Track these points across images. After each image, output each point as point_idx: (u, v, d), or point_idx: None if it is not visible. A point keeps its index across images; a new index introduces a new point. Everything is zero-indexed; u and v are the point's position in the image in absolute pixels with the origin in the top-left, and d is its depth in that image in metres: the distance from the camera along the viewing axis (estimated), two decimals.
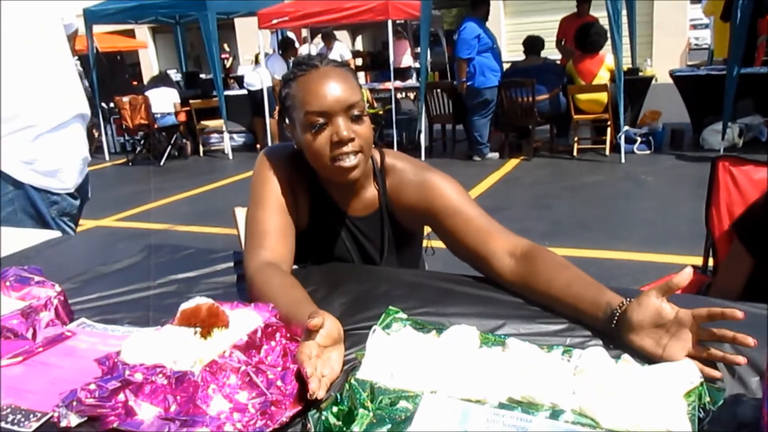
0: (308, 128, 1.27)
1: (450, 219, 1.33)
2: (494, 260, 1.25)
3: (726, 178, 1.82)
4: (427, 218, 1.39)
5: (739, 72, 6.26)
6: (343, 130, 1.25)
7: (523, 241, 1.25)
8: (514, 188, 6.12)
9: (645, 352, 0.94)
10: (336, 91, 1.25)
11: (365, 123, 1.29)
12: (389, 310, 1.08)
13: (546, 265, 1.17)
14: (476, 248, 1.29)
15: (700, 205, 1.93)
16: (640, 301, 0.96)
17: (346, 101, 1.26)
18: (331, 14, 8.23)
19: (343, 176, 1.30)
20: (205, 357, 0.89)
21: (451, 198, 1.34)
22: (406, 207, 1.42)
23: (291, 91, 1.31)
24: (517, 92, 7.10)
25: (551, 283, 1.13)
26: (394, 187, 1.42)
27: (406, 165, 1.43)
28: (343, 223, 1.45)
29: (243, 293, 1.29)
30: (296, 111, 1.30)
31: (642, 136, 7.25)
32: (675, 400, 0.78)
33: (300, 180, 1.40)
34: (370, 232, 1.46)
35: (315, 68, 1.28)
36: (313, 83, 1.26)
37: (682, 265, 2.10)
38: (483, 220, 1.31)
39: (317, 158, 1.30)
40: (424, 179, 1.39)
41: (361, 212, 1.45)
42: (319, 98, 1.25)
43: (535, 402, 0.78)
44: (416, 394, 0.81)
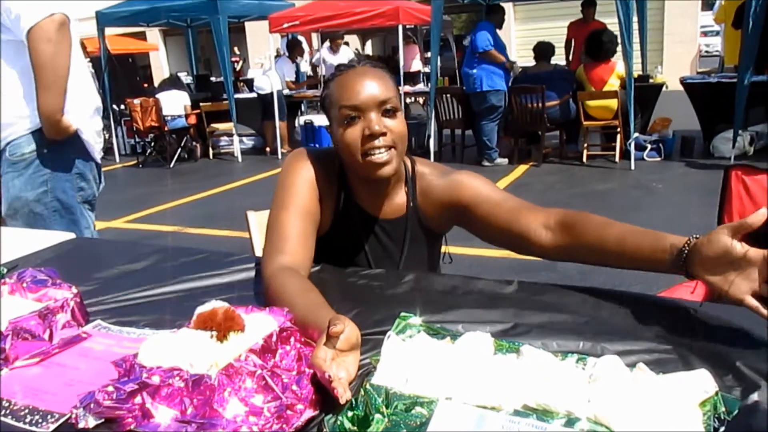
0: (342, 123, 1.31)
1: (480, 207, 1.36)
2: (531, 235, 1.29)
3: (739, 186, 1.82)
4: (457, 213, 1.42)
5: (750, 80, 6.24)
6: (375, 124, 1.28)
7: (555, 210, 1.30)
8: (523, 195, 5.99)
9: (712, 287, 1.00)
10: (369, 86, 1.29)
11: (399, 119, 1.32)
12: (403, 316, 1.09)
13: (591, 224, 1.21)
14: (510, 228, 1.32)
15: (711, 213, 1.92)
16: (711, 238, 1.01)
17: (379, 96, 1.29)
18: (342, 18, 8.27)
19: (375, 171, 1.32)
20: (221, 360, 0.90)
21: (478, 188, 1.39)
22: (436, 208, 1.45)
23: (329, 91, 1.36)
24: (527, 98, 7.10)
25: (603, 241, 1.17)
26: (422, 191, 1.46)
27: (434, 170, 1.48)
28: (367, 225, 1.48)
29: (259, 297, 1.30)
30: (333, 108, 1.34)
31: (652, 143, 7.24)
32: (690, 410, 0.78)
33: (328, 182, 1.43)
34: (394, 234, 1.49)
35: (352, 68, 1.34)
36: (348, 80, 1.31)
37: None
38: (512, 201, 1.36)
39: (349, 152, 1.32)
40: (450, 178, 1.43)
41: (388, 216, 1.47)
42: (353, 93, 1.29)
43: (550, 409, 0.79)
44: (431, 400, 0.82)
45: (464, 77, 7.31)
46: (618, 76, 6.88)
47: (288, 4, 9.89)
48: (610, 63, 6.94)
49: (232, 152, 9.45)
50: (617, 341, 1.02)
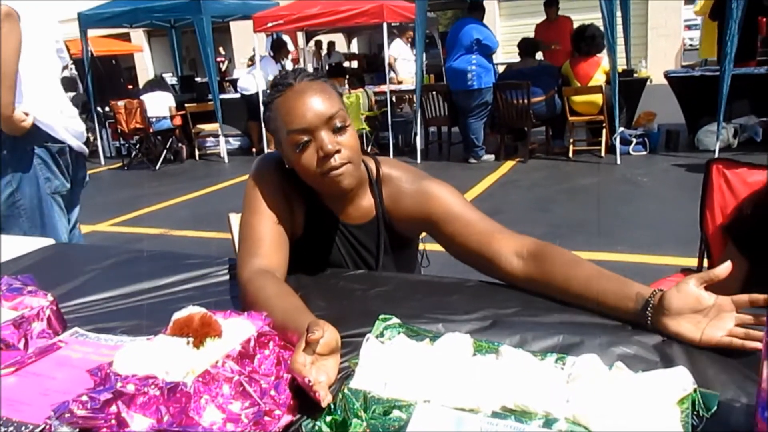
0: (294, 147, 1.27)
1: (451, 225, 1.33)
2: (501, 261, 1.27)
3: (720, 180, 1.83)
4: (426, 226, 1.40)
5: (731, 72, 6.28)
6: (328, 144, 1.24)
7: (528, 239, 1.27)
8: (511, 191, 6.12)
9: (683, 338, 1.00)
10: (314, 104, 1.25)
11: (349, 132, 1.29)
12: (383, 318, 1.08)
13: (560, 262, 1.19)
14: (481, 251, 1.29)
15: (696, 207, 1.93)
16: (680, 289, 1.01)
17: (326, 113, 1.25)
18: (327, 17, 8.24)
19: (336, 189, 1.30)
20: (197, 367, 0.88)
21: (450, 204, 1.35)
22: (404, 215, 1.42)
23: (272, 114, 1.31)
24: (512, 94, 7.11)
25: (571, 280, 1.16)
26: (390, 196, 1.42)
27: (402, 174, 1.43)
28: (339, 231, 1.45)
29: (237, 301, 1.29)
30: (280, 132, 1.29)
31: (637, 138, 7.26)
32: (668, 408, 0.78)
33: (295, 188, 1.40)
34: (367, 239, 1.46)
35: (290, 87, 1.28)
36: (290, 102, 1.26)
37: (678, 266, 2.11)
38: (484, 222, 1.32)
39: (308, 175, 1.30)
40: (420, 187, 1.39)
41: (358, 220, 1.44)
42: (298, 116, 1.25)
43: (528, 410, 0.78)
44: (409, 403, 0.81)
45: (452, 74, 7.30)
46: (603, 71, 6.91)
47: (272, 3, 9.86)
48: (596, 58, 6.96)
49: (219, 153, 9.40)
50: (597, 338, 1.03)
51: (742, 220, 1.71)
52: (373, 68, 14.60)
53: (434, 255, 1.66)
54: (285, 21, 8.38)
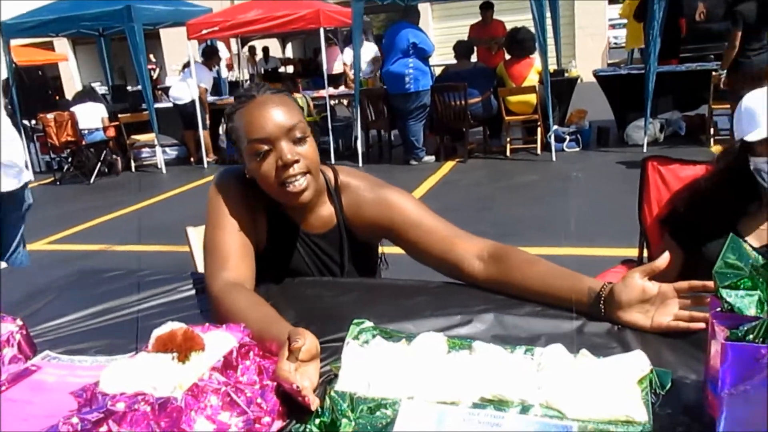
0: (254, 157, 1.31)
1: (413, 232, 1.39)
2: (464, 265, 1.34)
3: (655, 176, 1.95)
4: (388, 233, 1.45)
5: (656, 70, 6.63)
6: (287, 154, 1.28)
7: (488, 242, 1.35)
8: (453, 190, 6.25)
9: (635, 325, 1.10)
10: (275, 116, 1.29)
11: (309, 144, 1.33)
12: (356, 322, 1.13)
13: (518, 262, 1.28)
14: (444, 256, 1.36)
15: (630, 199, 2.05)
16: (626, 282, 1.11)
17: (286, 125, 1.29)
18: (262, 23, 8.20)
19: (294, 199, 1.33)
20: (184, 381, 0.91)
21: (410, 211, 1.40)
22: (365, 223, 1.46)
23: (234, 124, 1.34)
24: (450, 96, 7.27)
25: (528, 279, 1.24)
26: (350, 204, 1.46)
27: (361, 182, 1.48)
28: (302, 240, 1.48)
29: (208, 314, 1.31)
30: (241, 142, 1.33)
31: (570, 135, 7.54)
32: (630, 388, 0.86)
33: (256, 200, 1.42)
34: (329, 248, 1.50)
35: (252, 98, 1.32)
36: (251, 113, 1.30)
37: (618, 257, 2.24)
38: (445, 228, 1.39)
39: (267, 184, 1.33)
40: (380, 196, 1.44)
41: (320, 229, 1.48)
42: (259, 126, 1.29)
43: (505, 399, 0.84)
44: (394, 400, 0.86)
45: (389, 78, 7.38)
46: (536, 71, 7.15)
47: (205, 9, 9.71)
48: (529, 59, 7.20)
49: (156, 164, 9.20)
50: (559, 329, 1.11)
51: (676, 212, 1.83)
52: (308, 73, 14.60)
53: (392, 257, 1.71)
54: (220, 28, 8.28)
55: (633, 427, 0.78)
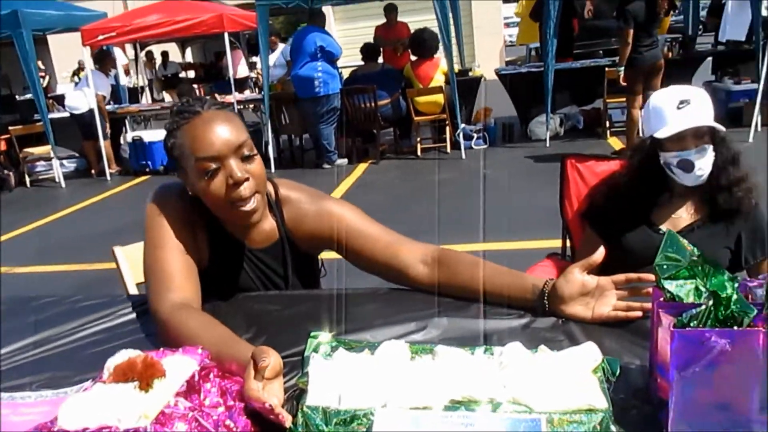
0: (201, 175, 1.27)
1: (356, 241, 1.41)
2: (409, 270, 1.37)
3: (574, 173, 2.07)
4: (331, 244, 1.45)
5: (554, 68, 6.97)
6: (237, 172, 1.26)
7: (430, 246, 1.39)
8: (368, 192, 6.30)
9: (577, 318, 1.17)
10: (223, 133, 1.26)
11: (257, 161, 1.31)
12: (313, 335, 1.13)
13: (462, 264, 1.33)
14: (388, 263, 1.39)
15: (540, 192, 2.16)
16: (567, 277, 1.18)
17: (235, 143, 1.27)
18: (163, 28, 7.92)
19: (245, 220, 1.32)
20: (149, 410, 0.89)
21: (352, 221, 1.42)
22: (308, 236, 1.46)
23: (177, 140, 1.30)
24: (359, 98, 7.32)
25: (474, 280, 1.29)
26: (292, 217, 1.46)
27: (301, 195, 1.47)
28: (245, 255, 1.46)
29: (152, 338, 1.27)
30: (186, 159, 1.29)
31: (478, 133, 7.79)
32: (587, 378, 0.92)
33: (196, 217, 1.39)
34: (273, 262, 1.49)
35: (198, 114, 1.28)
36: (199, 130, 1.26)
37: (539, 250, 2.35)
38: (388, 235, 1.42)
39: (215, 203, 1.30)
40: (321, 207, 1.45)
41: (262, 244, 1.46)
42: (207, 144, 1.25)
43: (474, 399, 0.88)
44: (368, 410, 0.88)
45: (298, 82, 7.33)
46: (442, 71, 7.34)
47: (99, 13, 9.28)
48: (435, 60, 7.37)
49: (53, 178, 8.71)
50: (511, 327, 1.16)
51: (595, 206, 1.95)
52: (211, 77, 14.25)
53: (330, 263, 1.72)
54: (117, 33, 7.94)
55: (596, 415, 0.84)
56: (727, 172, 1.73)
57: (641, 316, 1.14)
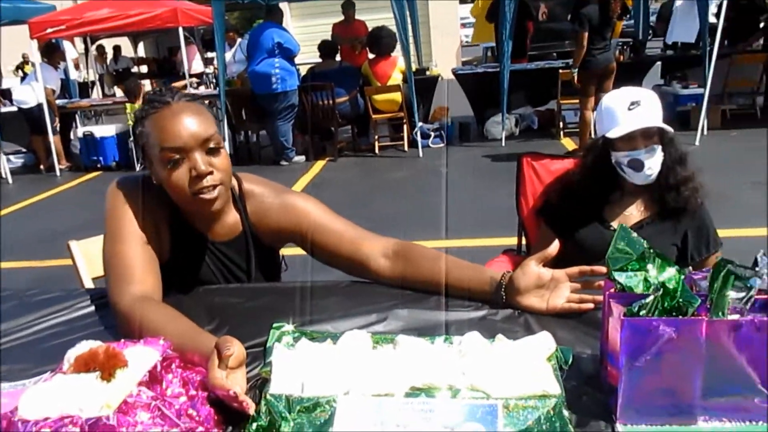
0: (165, 164, 1.27)
1: (319, 235, 1.43)
2: (371, 263, 1.40)
3: (529, 171, 2.12)
4: (295, 238, 1.47)
5: (509, 69, 7.09)
6: (201, 165, 1.26)
7: (392, 241, 1.42)
8: (326, 190, 6.30)
9: (533, 309, 1.21)
10: (191, 126, 1.27)
11: (222, 155, 1.32)
12: (276, 326, 1.15)
13: (423, 258, 1.36)
14: (351, 256, 1.41)
15: (496, 191, 2.21)
16: (524, 270, 1.23)
17: (202, 135, 1.27)
18: (114, 21, 7.77)
19: (206, 208, 1.32)
20: (112, 399, 0.89)
21: (316, 216, 1.44)
22: (271, 230, 1.47)
23: (145, 129, 1.30)
24: (317, 95, 7.31)
25: (435, 273, 1.32)
26: (255, 211, 1.47)
27: (265, 189, 1.48)
28: (207, 248, 1.47)
29: (111, 331, 1.26)
30: (152, 148, 1.29)
31: (435, 131, 7.87)
32: (542, 365, 0.96)
33: (157, 209, 1.38)
34: (235, 255, 1.49)
35: (167, 105, 1.28)
36: (166, 120, 1.27)
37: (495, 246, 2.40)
38: (350, 229, 1.44)
39: (177, 193, 1.30)
40: (285, 201, 1.46)
41: (225, 237, 1.47)
42: (173, 134, 1.26)
43: (434, 386, 0.91)
44: (330, 398, 0.90)
45: (255, 78, 7.28)
46: (400, 70, 7.38)
47: (47, 6, 9.02)
48: (392, 58, 7.41)
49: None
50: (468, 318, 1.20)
51: (549, 203, 2.00)
52: (164, 72, 13.98)
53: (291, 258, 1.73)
54: (67, 26, 7.74)
55: (550, 400, 0.88)
56: (674, 172, 1.81)
57: (593, 308, 1.19)
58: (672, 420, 0.88)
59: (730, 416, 0.89)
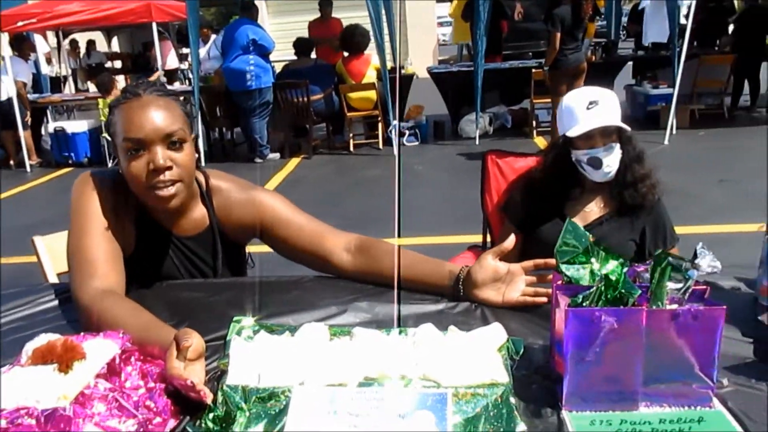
0: (126, 154, 1.29)
1: (283, 230, 1.45)
2: (333, 258, 1.42)
3: (494, 168, 2.16)
4: (259, 232, 1.49)
5: (483, 68, 7.16)
6: (160, 159, 1.28)
7: (353, 235, 1.45)
8: (300, 187, 6.30)
9: (489, 302, 1.25)
10: (154, 119, 1.28)
11: (186, 151, 1.33)
12: (236, 320, 1.16)
13: (384, 252, 1.38)
14: (314, 251, 1.43)
15: (469, 188, 2.24)
16: (481, 264, 1.26)
17: (164, 130, 1.28)
18: (87, 15, 7.68)
19: (162, 204, 1.33)
20: (69, 391, 0.90)
21: (280, 210, 1.46)
22: (236, 224, 1.49)
23: (114, 118, 1.32)
24: (292, 93, 7.30)
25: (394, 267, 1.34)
26: (221, 206, 1.48)
27: (231, 185, 1.50)
28: (172, 243, 1.48)
29: (74, 325, 1.26)
30: (117, 137, 1.31)
31: (409, 129, 7.91)
32: (492, 355, 0.99)
33: (123, 204, 1.39)
34: (201, 251, 1.51)
35: (137, 97, 1.30)
36: (132, 111, 1.29)
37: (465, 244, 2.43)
38: (314, 224, 1.46)
39: (135, 185, 1.32)
40: (250, 196, 1.48)
41: (190, 232, 1.48)
42: (137, 125, 1.27)
43: (387, 376, 0.94)
44: (286, 388, 0.92)
45: (230, 75, 7.24)
46: (374, 68, 7.40)
47: None
48: (365, 56, 7.43)
49: None
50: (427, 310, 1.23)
51: (513, 200, 2.04)
52: (138, 68, 13.82)
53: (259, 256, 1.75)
54: (38, 20, 7.64)
55: (498, 388, 0.91)
56: (632, 169, 1.85)
57: (546, 302, 1.22)
58: (615, 406, 0.92)
59: (671, 402, 0.93)
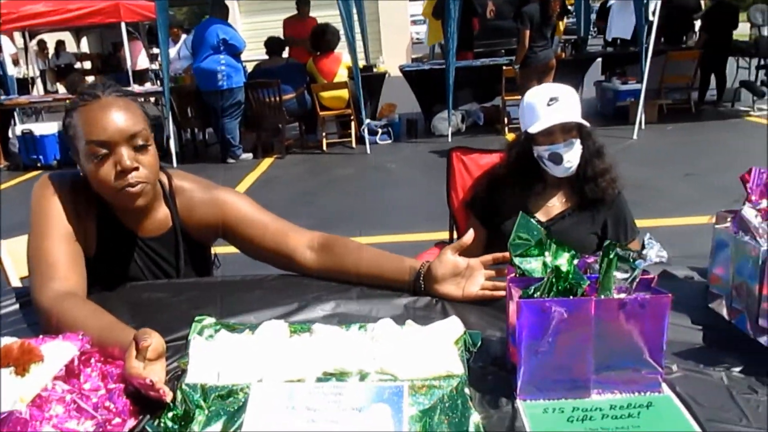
0: (91, 158, 1.28)
1: (246, 228, 1.46)
2: (296, 255, 1.43)
3: (459, 165, 2.19)
4: (222, 232, 1.50)
5: (455, 65, 7.21)
6: (126, 160, 1.28)
7: (316, 233, 1.46)
8: (273, 187, 6.28)
9: (449, 297, 1.27)
10: (118, 120, 1.28)
11: (150, 152, 1.33)
12: (198, 319, 1.17)
13: (346, 249, 1.40)
14: (277, 249, 1.44)
15: (440, 186, 2.27)
16: (441, 259, 1.28)
17: (128, 131, 1.28)
18: (54, 16, 7.57)
19: (130, 203, 1.33)
20: (26, 394, 0.90)
21: (243, 209, 1.47)
22: (200, 224, 1.50)
23: (73, 121, 1.31)
24: (264, 92, 7.27)
25: (358, 264, 1.37)
26: (184, 206, 1.49)
27: (194, 185, 1.51)
28: (135, 244, 1.47)
29: (34, 328, 1.26)
30: (78, 141, 1.30)
31: (382, 128, 7.93)
32: (448, 348, 1.01)
33: (85, 205, 1.39)
34: (164, 251, 1.51)
35: (97, 98, 1.30)
36: (93, 113, 1.28)
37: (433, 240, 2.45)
38: (276, 223, 1.47)
39: (102, 187, 1.31)
40: (213, 196, 1.49)
41: (154, 233, 1.48)
42: (100, 128, 1.27)
43: (345, 371, 0.95)
44: (245, 385, 0.93)
45: (201, 75, 7.19)
46: (346, 66, 7.39)
47: None
48: (337, 55, 7.41)
49: None
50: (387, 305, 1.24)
51: (477, 196, 2.07)
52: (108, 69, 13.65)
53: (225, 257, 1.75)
54: (3, 20, 7.50)
55: (453, 380, 0.93)
56: (592, 164, 1.89)
57: (505, 295, 1.24)
58: (568, 394, 0.95)
59: (622, 388, 0.96)
